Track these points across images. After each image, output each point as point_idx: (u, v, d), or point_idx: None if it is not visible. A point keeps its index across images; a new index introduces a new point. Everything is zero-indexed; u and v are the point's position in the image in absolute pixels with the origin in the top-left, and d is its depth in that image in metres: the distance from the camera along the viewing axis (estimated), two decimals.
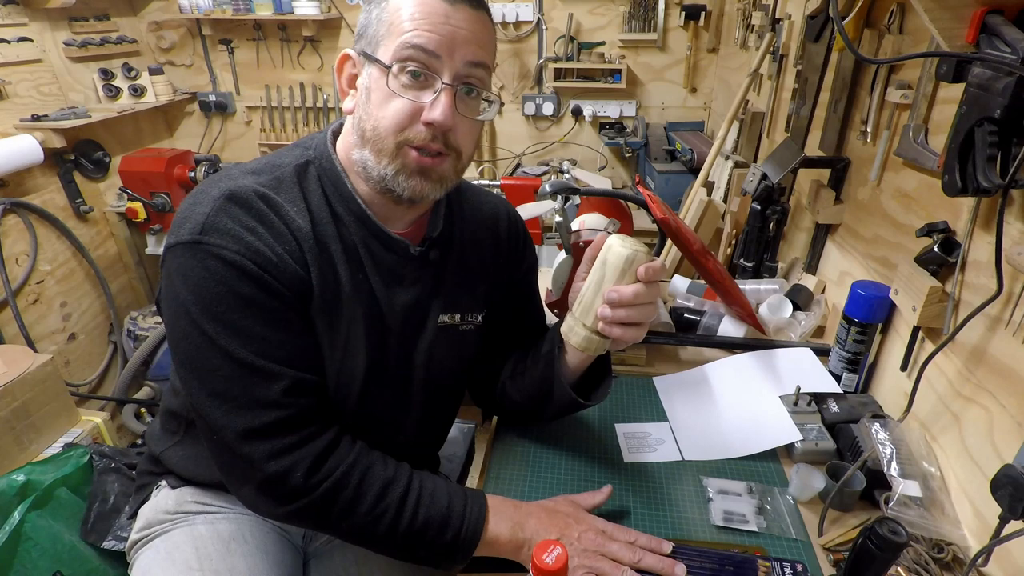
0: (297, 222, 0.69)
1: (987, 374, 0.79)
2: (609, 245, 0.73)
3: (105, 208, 2.65)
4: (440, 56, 0.65)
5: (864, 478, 0.84)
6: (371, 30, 0.68)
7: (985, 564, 0.73)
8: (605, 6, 2.72)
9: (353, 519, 0.68)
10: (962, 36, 0.73)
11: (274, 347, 0.66)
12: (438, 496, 0.71)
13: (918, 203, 0.99)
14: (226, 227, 0.65)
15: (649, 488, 0.89)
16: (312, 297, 0.70)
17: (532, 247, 0.97)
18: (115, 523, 1.35)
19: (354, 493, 0.68)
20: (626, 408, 1.08)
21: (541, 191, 1.19)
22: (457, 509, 0.71)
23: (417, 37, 0.65)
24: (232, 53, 2.95)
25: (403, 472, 0.72)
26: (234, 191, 0.67)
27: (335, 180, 0.73)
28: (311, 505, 0.67)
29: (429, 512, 0.70)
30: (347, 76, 0.73)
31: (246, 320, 0.65)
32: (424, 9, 0.65)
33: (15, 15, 2.23)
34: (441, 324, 0.83)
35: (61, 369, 1.76)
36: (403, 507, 0.69)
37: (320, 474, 0.67)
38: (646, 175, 2.74)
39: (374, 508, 0.68)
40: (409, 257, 0.78)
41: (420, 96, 0.67)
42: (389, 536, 0.69)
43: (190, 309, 0.64)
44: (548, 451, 0.97)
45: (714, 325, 1.25)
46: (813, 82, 1.40)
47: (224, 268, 0.64)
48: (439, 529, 0.69)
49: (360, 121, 0.70)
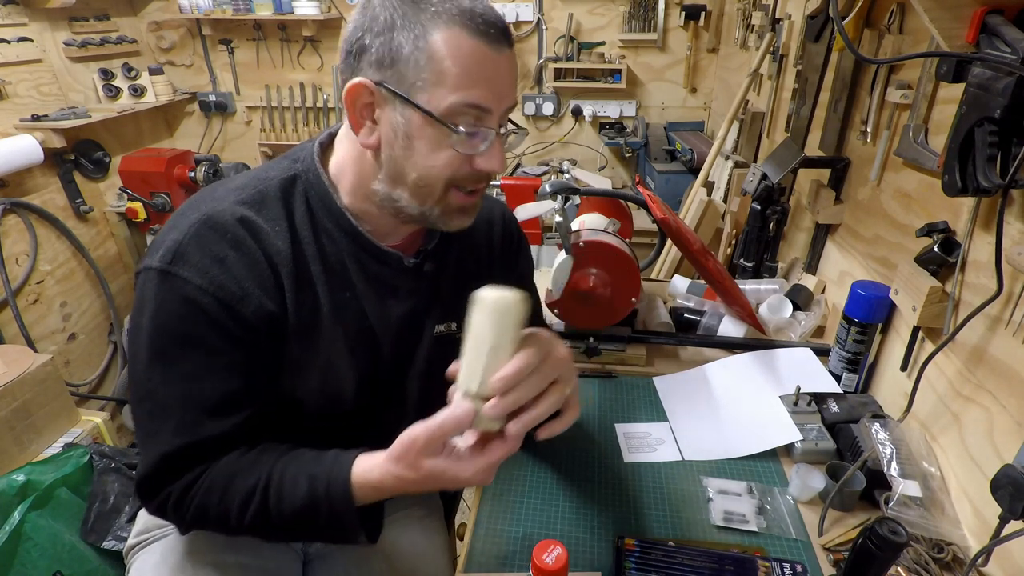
0: (276, 245, 0.68)
1: (987, 374, 0.79)
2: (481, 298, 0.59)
3: (105, 208, 2.65)
4: (492, 110, 0.65)
5: (864, 478, 0.85)
6: (405, 68, 0.62)
7: (985, 564, 0.73)
8: (605, 6, 2.72)
9: (232, 530, 0.68)
10: (962, 36, 0.73)
11: (204, 394, 0.66)
12: (299, 484, 0.66)
13: (918, 203, 0.99)
14: (194, 258, 0.65)
15: (649, 488, 0.89)
16: (283, 325, 0.70)
17: (527, 249, 0.96)
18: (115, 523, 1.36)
19: (218, 512, 0.67)
20: (626, 408, 1.08)
21: (541, 191, 1.19)
22: (320, 493, 0.65)
23: (475, 96, 0.63)
24: (232, 53, 2.95)
25: (263, 475, 0.67)
26: (211, 215, 0.66)
27: (323, 196, 0.72)
28: (192, 526, 0.70)
29: (294, 504, 0.66)
30: (362, 106, 0.66)
31: (187, 361, 0.65)
32: (477, 61, 0.62)
33: (15, 15, 2.23)
34: (437, 334, 0.82)
35: (61, 369, 1.76)
36: (267, 510, 0.67)
37: (184, 503, 0.67)
38: (646, 175, 2.74)
39: (242, 519, 0.67)
40: (403, 269, 0.77)
41: (474, 146, 0.66)
42: (272, 532, 0.69)
43: (143, 334, 0.66)
44: (548, 451, 0.97)
45: (714, 325, 1.25)
46: (813, 82, 1.40)
47: (183, 305, 0.64)
48: (311, 515, 0.66)
49: (395, 163, 0.67)
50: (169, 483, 0.66)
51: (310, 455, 0.69)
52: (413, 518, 0.93)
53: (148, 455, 0.66)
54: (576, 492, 0.89)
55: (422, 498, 0.97)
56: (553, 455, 0.96)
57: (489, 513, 0.86)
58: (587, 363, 1.19)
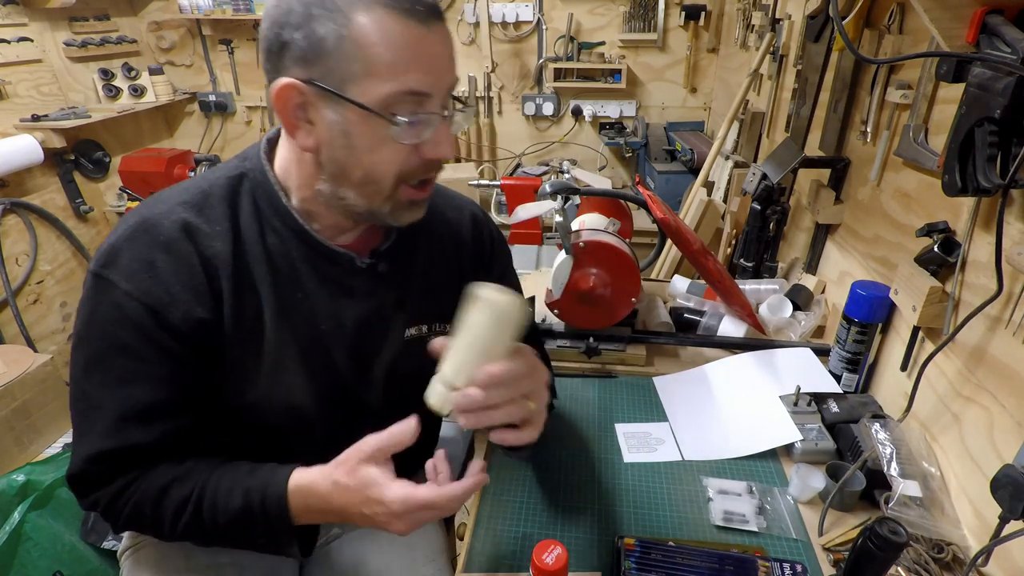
0: (214, 247, 0.66)
1: (987, 374, 0.79)
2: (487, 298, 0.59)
3: (105, 208, 2.65)
4: (432, 94, 0.61)
5: (864, 478, 0.84)
6: (329, 61, 0.58)
7: (985, 564, 0.73)
8: (605, 6, 2.72)
9: (168, 536, 0.68)
10: (962, 36, 0.73)
11: (130, 400, 0.65)
12: (233, 497, 0.66)
13: (918, 203, 0.99)
14: (123, 262, 0.64)
15: (649, 488, 0.89)
16: (218, 331, 0.68)
17: (503, 248, 0.92)
18: None
19: (152, 520, 0.67)
20: (626, 408, 1.08)
21: (541, 191, 1.19)
22: (255, 507, 0.65)
23: (412, 82, 0.59)
24: (232, 53, 2.95)
25: (196, 477, 0.67)
26: (148, 219, 0.66)
27: (270, 195, 0.70)
28: (125, 527, 0.69)
29: (228, 516, 0.66)
30: (294, 107, 0.62)
31: (112, 364, 0.65)
32: (408, 43, 0.58)
33: (15, 15, 2.23)
34: (408, 338, 0.80)
35: (61, 369, 1.75)
36: (201, 521, 0.66)
37: (116, 508, 0.67)
38: (646, 175, 2.74)
39: (175, 527, 0.67)
40: (355, 270, 0.74)
41: (418, 135, 0.62)
42: (210, 541, 0.69)
43: (78, 337, 0.66)
44: (548, 451, 0.97)
45: (714, 325, 1.25)
46: (813, 82, 1.40)
47: (110, 309, 0.64)
48: (246, 527, 0.66)
49: (337, 163, 0.64)
50: (97, 486, 0.67)
51: (246, 467, 0.68)
52: None
53: (77, 454, 0.66)
54: (576, 492, 0.89)
55: None
56: (553, 455, 0.96)
57: (489, 513, 0.86)
58: (587, 363, 1.19)
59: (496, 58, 2.85)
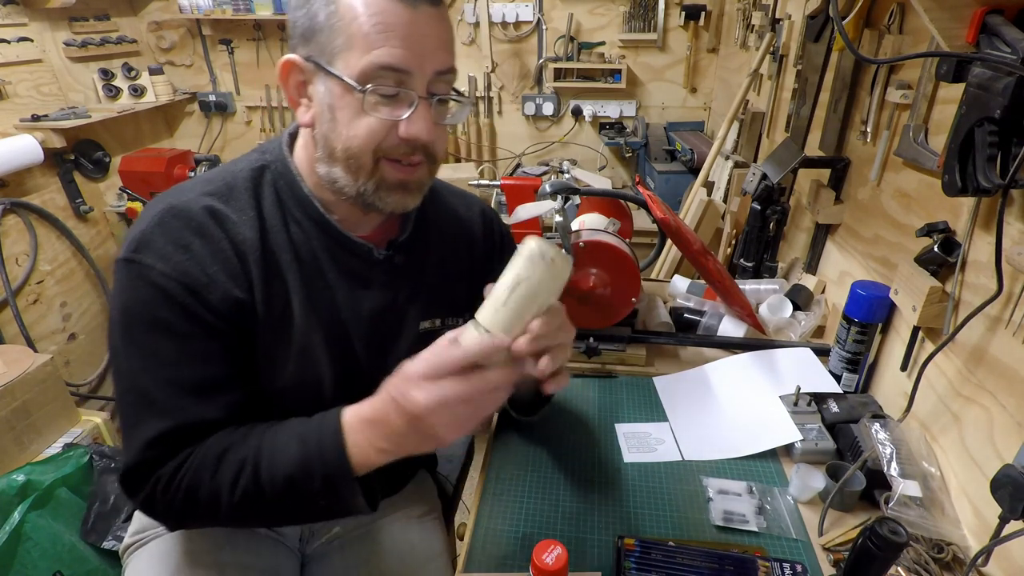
0: (243, 234, 0.67)
1: (987, 374, 0.79)
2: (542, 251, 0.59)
3: (105, 208, 2.65)
4: (412, 72, 0.62)
5: (864, 478, 0.85)
6: (322, 37, 0.62)
7: (985, 564, 0.73)
8: (605, 6, 2.72)
9: (225, 512, 0.64)
10: (962, 36, 0.73)
11: (181, 377, 0.65)
12: (290, 446, 0.64)
13: (918, 203, 0.99)
14: (158, 245, 0.64)
15: (649, 488, 0.89)
16: (253, 314, 0.68)
17: (511, 243, 0.93)
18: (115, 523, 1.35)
19: (210, 491, 0.63)
20: (626, 408, 1.08)
21: (541, 191, 1.18)
22: (313, 451, 0.63)
23: (387, 56, 0.60)
24: (232, 53, 2.94)
25: (253, 444, 0.65)
26: (175, 205, 0.66)
27: (291, 185, 0.71)
28: (183, 517, 0.66)
29: (286, 468, 0.63)
30: (295, 84, 0.66)
31: (160, 346, 0.64)
32: (386, 18, 0.60)
33: (15, 15, 2.23)
34: (423, 330, 0.81)
35: (61, 369, 1.76)
36: (259, 480, 0.63)
37: (172, 486, 0.64)
38: (646, 175, 2.74)
39: (232, 494, 0.63)
40: (373, 261, 0.75)
41: (395, 112, 0.64)
42: (272, 509, 0.65)
43: (117, 326, 0.65)
44: (548, 451, 0.97)
45: (714, 325, 1.25)
46: (813, 82, 1.40)
47: (148, 291, 0.64)
48: (306, 476, 0.63)
49: (326, 139, 0.66)
50: (157, 468, 0.64)
51: (297, 420, 0.66)
52: (412, 518, 0.93)
53: (133, 444, 0.64)
54: (576, 492, 0.89)
55: (421, 496, 0.97)
56: (553, 455, 0.96)
57: (489, 513, 0.86)
58: (587, 363, 1.19)
59: (496, 58, 2.85)
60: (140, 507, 0.67)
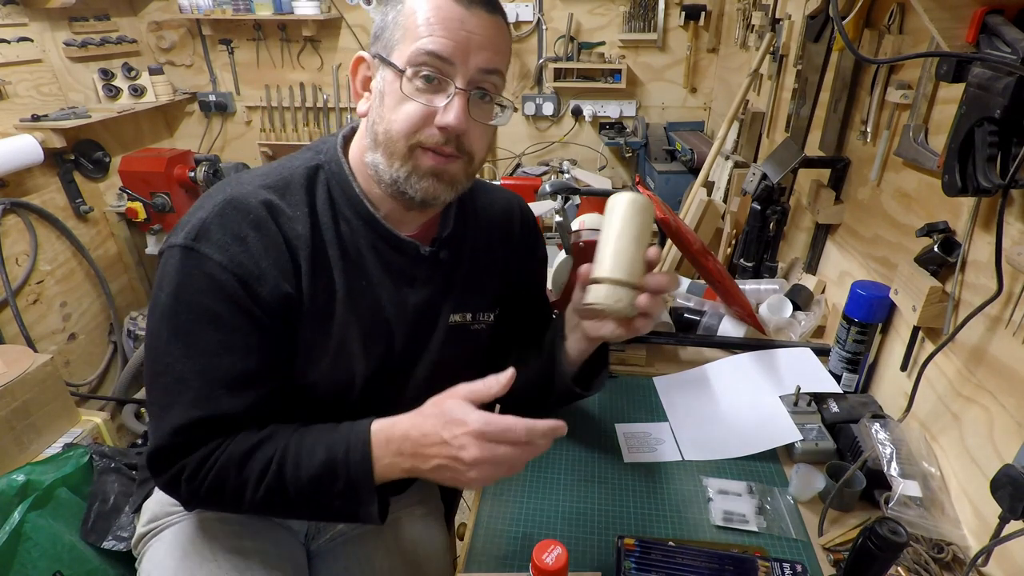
0: (296, 229, 0.70)
1: (987, 374, 0.79)
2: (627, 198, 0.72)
3: (105, 208, 2.65)
4: (454, 62, 0.66)
5: (864, 478, 0.85)
6: (387, 33, 0.68)
7: (985, 564, 0.73)
8: (605, 6, 2.72)
9: (248, 504, 0.68)
10: (962, 36, 0.73)
11: (221, 369, 0.67)
12: (316, 451, 0.67)
13: (918, 203, 0.99)
14: (217, 236, 0.66)
15: (649, 488, 0.89)
16: (299, 308, 0.71)
17: (543, 239, 0.98)
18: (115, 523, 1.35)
19: (236, 484, 0.67)
20: (626, 408, 1.08)
21: (541, 191, 1.19)
22: (339, 457, 0.66)
23: (432, 43, 0.65)
24: (232, 53, 2.95)
25: (280, 443, 0.68)
26: (236, 196, 0.68)
27: (343, 184, 0.74)
28: (205, 504, 0.70)
29: (310, 472, 0.66)
30: (361, 78, 0.73)
31: (203, 336, 0.66)
32: (439, 14, 0.65)
33: (15, 15, 2.23)
34: (452, 324, 0.83)
35: (61, 369, 1.76)
36: (283, 478, 0.66)
37: (199, 476, 0.67)
38: (646, 175, 2.74)
39: (257, 490, 0.67)
40: (420, 258, 0.78)
41: (433, 100, 0.67)
42: (293, 506, 0.69)
43: (163, 310, 0.67)
44: (548, 451, 0.96)
45: (714, 325, 1.25)
46: (813, 82, 1.40)
47: (203, 280, 0.65)
48: (329, 481, 0.66)
49: (373, 124, 0.70)
50: (182, 456, 0.67)
51: (326, 426, 0.70)
52: (415, 516, 0.94)
53: (161, 427, 0.66)
54: (576, 492, 0.89)
55: (423, 496, 0.97)
56: (553, 455, 0.96)
57: (489, 513, 0.86)
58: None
59: None
60: (162, 487, 0.69)
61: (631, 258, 0.71)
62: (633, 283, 0.71)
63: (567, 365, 0.84)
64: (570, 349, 0.83)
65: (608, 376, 0.89)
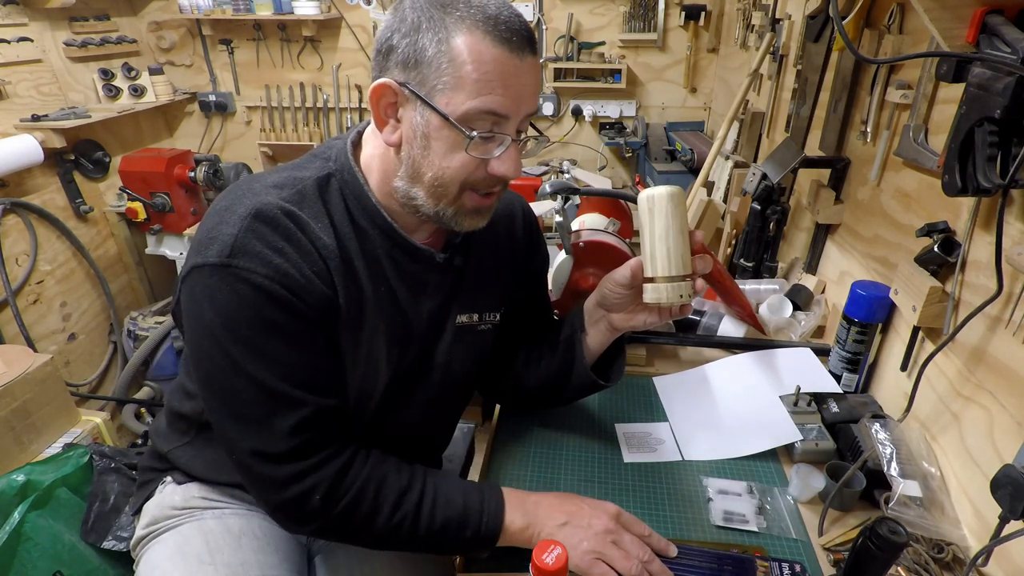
0: (323, 239, 0.69)
1: (987, 374, 0.79)
2: (665, 193, 0.74)
3: (105, 208, 2.65)
4: (510, 116, 0.66)
5: (864, 478, 0.84)
6: (427, 70, 0.64)
7: (985, 564, 0.73)
8: (605, 6, 2.72)
9: (373, 531, 0.70)
10: (962, 36, 0.73)
11: (298, 371, 0.67)
12: (453, 497, 0.73)
13: (918, 203, 0.99)
14: (255, 249, 0.65)
15: (649, 488, 0.89)
16: (339, 315, 0.71)
17: (544, 240, 0.99)
18: (115, 523, 1.35)
19: (370, 508, 0.69)
20: (626, 408, 1.08)
21: (541, 191, 1.18)
22: (474, 507, 0.73)
23: (492, 102, 0.64)
24: (232, 53, 2.94)
25: (417, 478, 0.73)
26: (261, 209, 0.66)
27: (358, 194, 0.73)
28: (330, 525, 0.70)
29: (446, 514, 0.72)
30: (385, 105, 0.68)
31: (272, 344, 0.66)
32: (498, 69, 0.63)
33: (15, 15, 2.23)
34: (460, 324, 0.84)
35: (61, 369, 1.76)
36: (419, 513, 0.71)
37: (337, 494, 0.68)
38: (646, 175, 2.74)
39: (391, 518, 0.70)
40: (434, 265, 0.79)
41: (488, 150, 0.68)
42: (411, 541, 0.72)
43: (216, 331, 0.65)
44: (548, 451, 0.97)
45: (714, 325, 1.25)
46: (813, 82, 1.40)
47: (253, 293, 0.64)
48: (458, 528, 0.72)
49: (414, 161, 0.69)
50: (306, 472, 0.67)
51: (457, 479, 0.77)
52: None
53: (275, 434, 0.66)
54: (576, 492, 0.89)
55: None
56: (553, 455, 0.96)
57: None
58: None
59: None
60: (289, 502, 0.69)
61: (682, 252, 0.74)
62: (687, 274, 0.75)
63: (587, 358, 0.88)
64: (591, 342, 0.87)
65: (624, 362, 0.93)
